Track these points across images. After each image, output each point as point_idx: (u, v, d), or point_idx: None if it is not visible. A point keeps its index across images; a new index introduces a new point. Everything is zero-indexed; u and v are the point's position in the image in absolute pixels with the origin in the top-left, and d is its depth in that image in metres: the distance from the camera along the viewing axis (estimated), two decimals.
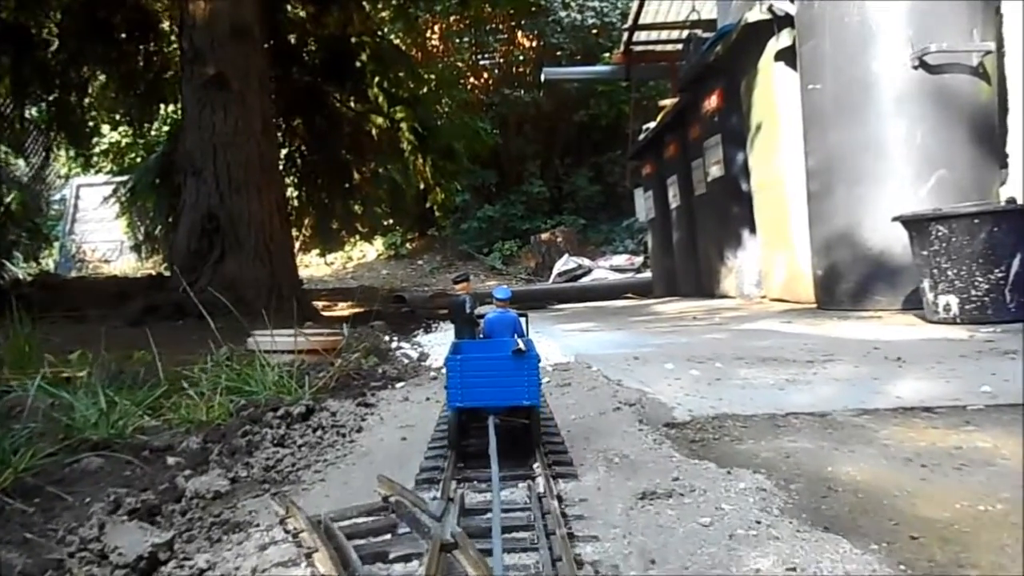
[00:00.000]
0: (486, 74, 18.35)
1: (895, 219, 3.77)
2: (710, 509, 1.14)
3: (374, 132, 10.02)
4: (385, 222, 15.29)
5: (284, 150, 10.15)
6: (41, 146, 10.76)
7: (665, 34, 12.10)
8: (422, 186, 10.33)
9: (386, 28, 11.08)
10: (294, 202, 10.49)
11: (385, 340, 4.09)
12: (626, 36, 12.46)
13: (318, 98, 9.71)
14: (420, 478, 1.40)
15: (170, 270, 7.17)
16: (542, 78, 14.03)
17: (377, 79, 9.44)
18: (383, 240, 18.87)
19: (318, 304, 8.58)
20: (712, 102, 6.71)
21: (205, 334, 2.82)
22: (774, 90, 5.49)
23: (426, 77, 10.93)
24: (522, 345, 1.44)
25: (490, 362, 1.43)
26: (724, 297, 6.87)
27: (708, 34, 7.58)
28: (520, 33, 17.94)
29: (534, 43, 18.06)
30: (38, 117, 10.52)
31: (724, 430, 1.66)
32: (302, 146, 10.40)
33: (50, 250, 17.71)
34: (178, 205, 7.30)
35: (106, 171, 16.09)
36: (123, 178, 11.00)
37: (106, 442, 1.77)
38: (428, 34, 15.77)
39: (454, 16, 15.65)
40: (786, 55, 5.28)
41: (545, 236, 15.77)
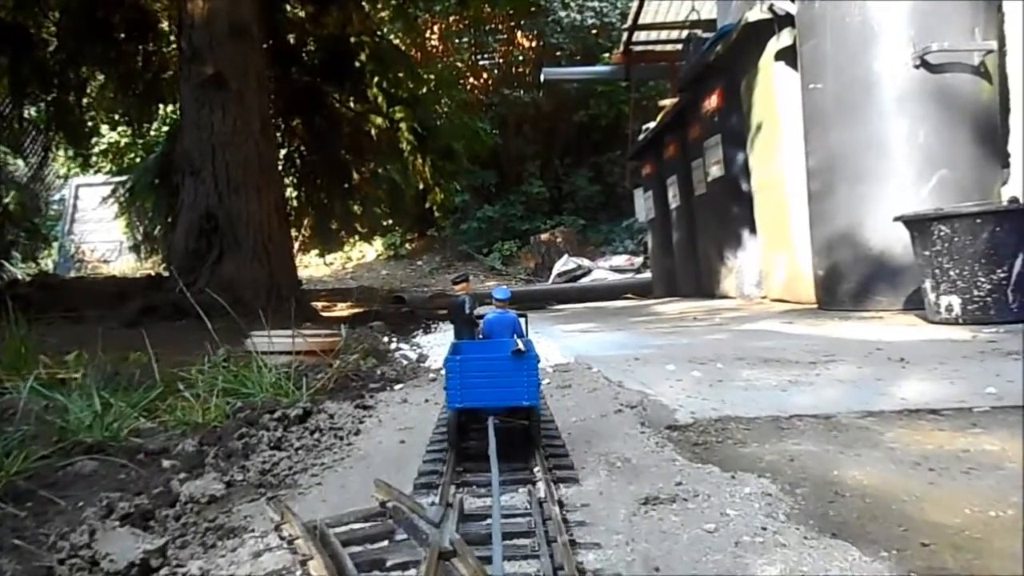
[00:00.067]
0: (486, 74, 18.33)
1: (897, 219, 3.75)
2: (715, 515, 1.12)
3: (373, 132, 10.00)
4: (384, 222, 15.28)
5: (283, 150, 10.13)
6: (40, 146, 10.75)
7: (665, 34, 12.08)
8: (421, 186, 10.31)
9: (385, 28, 11.07)
10: (293, 202, 10.47)
11: (384, 341, 4.07)
12: (626, 36, 12.44)
13: (317, 98, 9.69)
14: (418, 482, 1.38)
15: (168, 270, 7.15)
16: (542, 78, 14.00)
17: (376, 79, 9.42)
18: (382, 240, 18.86)
19: (317, 305, 8.55)
20: (712, 102, 6.69)
21: (203, 335, 2.80)
22: (775, 90, 5.47)
23: (425, 77, 10.91)
24: (521, 345, 1.44)
25: (489, 363, 1.44)
26: (724, 297, 6.85)
27: (708, 34, 7.56)
28: (520, 33, 17.93)
29: (534, 43, 18.05)
30: (37, 117, 10.51)
31: (727, 433, 1.64)
32: (301, 146, 10.38)
33: (49, 250, 17.71)
34: (177, 205, 7.28)
35: (105, 171, 16.11)
36: (122, 178, 10.98)
37: (100, 445, 1.76)
38: (427, 34, 15.75)
39: (453, 16, 15.64)
40: (787, 54, 5.27)
41: (545, 236, 15.75)
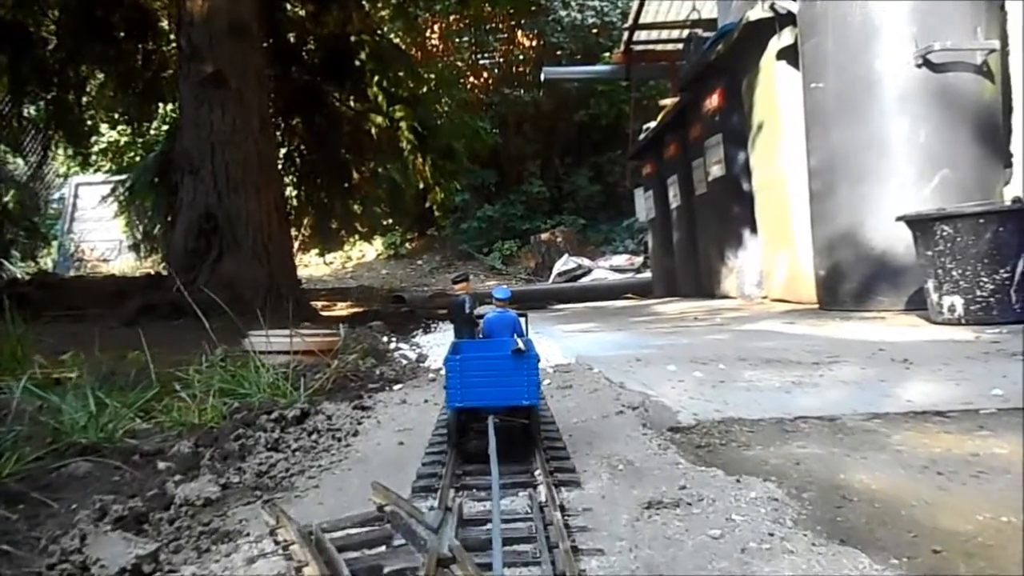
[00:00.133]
0: (486, 73, 18.31)
1: (899, 219, 3.73)
2: (720, 520, 1.09)
3: (373, 131, 9.98)
4: (384, 222, 15.26)
5: (283, 149, 10.11)
6: (39, 145, 10.74)
7: (665, 33, 12.06)
8: (421, 186, 10.29)
9: (386, 27, 11.04)
10: (293, 201, 10.45)
11: (383, 341, 4.05)
12: (626, 35, 12.42)
13: (317, 97, 9.67)
14: (417, 485, 1.35)
15: (168, 269, 7.13)
16: (542, 78, 13.98)
17: (376, 78, 9.40)
18: (382, 240, 18.83)
19: (317, 304, 8.54)
20: (713, 101, 6.67)
21: (202, 334, 2.78)
22: (776, 89, 5.45)
23: (426, 76, 10.89)
24: (521, 345, 1.43)
25: (489, 362, 1.43)
26: (725, 297, 6.83)
27: (708, 33, 7.54)
28: (520, 32, 17.91)
29: (534, 42, 18.03)
30: (36, 116, 10.50)
31: (731, 435, 1.61)
32: (301, 145, 10.36)
33: (48, 249, 17.71)
34: (176, 204, 7.25)
35: (105, 170, 16.07)
36: (122, 177, 10.95)
37: (95, 446, 1.73)
38: (428, 33, 15.72)
39: (454, 15, 15.62)
40: (788, 54, 5.24)
41: (545, 236, 15.73)
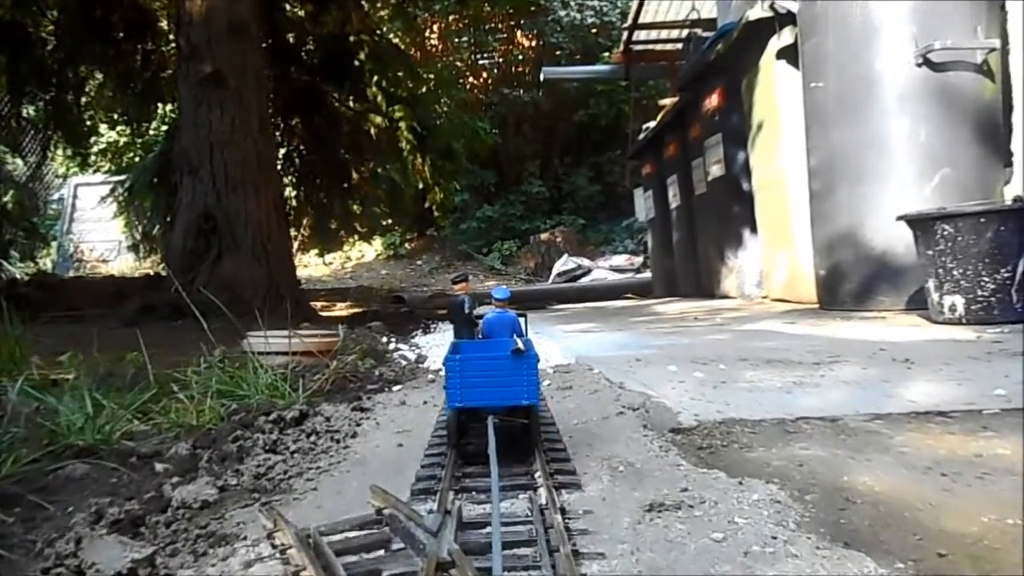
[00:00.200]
0: (485, 74, 18.30)
1: (900, 218, 3.72)
2: (722, 523, 1.08)
3: (373, 131, 9.97)
4: (384, 222, 15.25)
5: (282, 149, 10.10)
6: (38, 145, 10.75)
7: (665, 33, 12.05)
8: (421, 186, 10.28)
9: (385, 27, 11.03)
10: (292, 202, 10.44)
11: (383, 341, 4.03)
12: (626, 35, 12.41)
13: (316, 97, 9.66)
14: (416, 488, 1.34)
15: (167, 270, 7.12)
16: (541, 77, 13.96)
17: (376, 78, 9.40)
18: (382, 240, 18.82)
19: (316, 304, 8.52)
20: (713, 101, 6.66)
21: (200, 335, 2.77)
22: (776, 88, 5.44)
23: (425, 76, 10.88)
24: (521, 345, 1.43)
25: (489, 362, 1.43)
26: (725, 297, 6.82)
27: (708, 33, 7.53)
28: (519, 32, 17.90)
29: (533, 42, 18.02)
30: (35, 116, 10.50)
31: (732, 436, 1.60)
32: (300, 145, 10.35)
33: (48, 249, 17.70)
34: (175, 204, 7.24)
35: (104, 170, 16.07)
36: (121, 177, 10.96)
37: (92, 448, 1.72)
38: (427, 33, 15.71)
39: (453, 15, 15.60)
40: (788, 53, 5.23)
41: (544, 236, 15.72)
